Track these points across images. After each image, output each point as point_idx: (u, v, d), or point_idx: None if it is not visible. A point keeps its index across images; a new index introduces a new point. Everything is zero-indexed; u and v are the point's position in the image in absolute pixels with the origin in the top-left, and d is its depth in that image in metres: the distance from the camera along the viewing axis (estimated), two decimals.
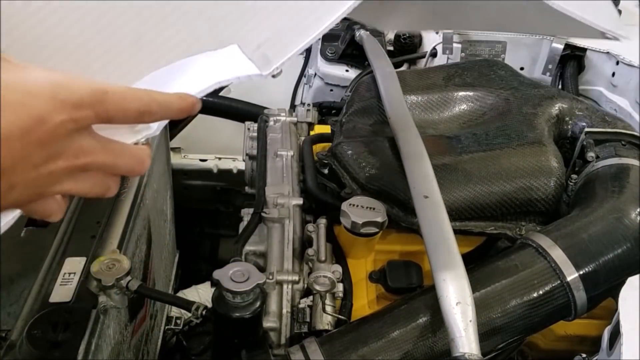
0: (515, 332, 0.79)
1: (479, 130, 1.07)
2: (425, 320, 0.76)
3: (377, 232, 0.93)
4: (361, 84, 1.27)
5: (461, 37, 1.54)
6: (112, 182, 0.48)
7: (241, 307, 0.82)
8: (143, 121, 0.47)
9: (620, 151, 1.01)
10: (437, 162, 0.96)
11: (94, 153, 0.44)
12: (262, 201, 1.04)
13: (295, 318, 0.90)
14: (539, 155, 0.98)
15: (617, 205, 0.87)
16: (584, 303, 0.79)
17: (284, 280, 0.92)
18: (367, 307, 0.93)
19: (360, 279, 0.97)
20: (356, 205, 0.93)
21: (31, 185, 0.41)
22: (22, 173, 0.40)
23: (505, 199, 0.95)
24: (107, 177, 0.47)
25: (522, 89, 1.18)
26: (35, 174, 0.41)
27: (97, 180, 0.46)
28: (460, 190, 0.94)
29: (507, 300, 0.77)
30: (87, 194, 0.46)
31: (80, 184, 0.45)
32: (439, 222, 0.82)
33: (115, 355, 0.89)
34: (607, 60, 1.41)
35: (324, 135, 1.28)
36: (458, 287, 0.71)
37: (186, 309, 1.04)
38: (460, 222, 0.95)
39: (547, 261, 0.80)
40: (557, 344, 0.97)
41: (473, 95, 1.19)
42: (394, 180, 0.97)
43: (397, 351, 0.74)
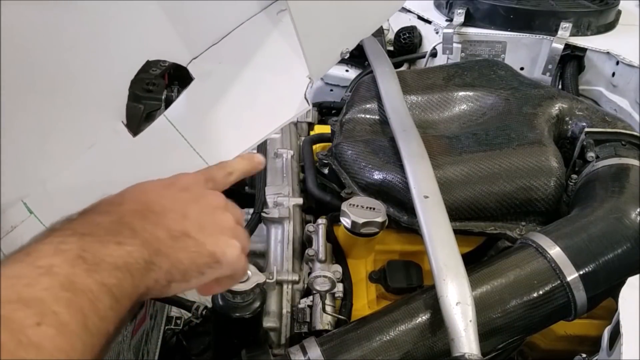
0: (515, 332, 0.79)
1: (479, 130, 1.07)
2: (425, 320, 0.76)
3: (377, 232, 0.93)
4: (361, 84, 1.27)
5: (461, 37, 1.54)
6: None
7: (241, 307, 0.82)
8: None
9: (620, 151, 1.01)
10: (437, 162, 0.96)
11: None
12: (262, 201, 1.04)
13: (295, 318, 0.90)
14: (539, 155, 0.97)
15: (617, 205, 0.87)
16: (584, 303, 0.79)
17: (284, 280, 0.92)
18: (367, 307, 0.93)
19: (360, 279, 0.97)
20: (356, 205, 0.93)
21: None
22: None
23: (505, 199, 0.95)
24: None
25: (522, 89, 1.18)
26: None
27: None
28: (460, 190, 0.94)
29: (507, 300, 0.77)
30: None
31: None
32: (439, 222, 0.82)
33: (115, 355, 0.89)
34: (607, 60, 1.41)
35: (324, 135, 1.28)
36: (458, 287, 0.71)
37: (186, 309, 1.05)
38: (460, 222, 0.95)
39: (547, 261, 0.80)
40: (557, 344, 0.97)
41: (473, 95, 1.19)
42: (394, 180, 0.97)
43: (397, 351, 0.74)
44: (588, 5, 1.51)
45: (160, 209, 0.48)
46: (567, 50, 1.44)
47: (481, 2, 1.52)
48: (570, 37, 1.44)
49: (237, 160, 0.61)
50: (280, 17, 0.76)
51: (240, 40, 0.76)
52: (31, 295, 0.36)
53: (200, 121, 0.72)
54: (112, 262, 0.42)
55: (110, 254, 0.42)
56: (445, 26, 1.56)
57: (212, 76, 0.74)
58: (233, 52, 0.75)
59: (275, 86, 0.73)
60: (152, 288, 0.45)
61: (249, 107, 0.73)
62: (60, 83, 0.64)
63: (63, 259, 0.40)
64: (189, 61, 0.73)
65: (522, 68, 1.50)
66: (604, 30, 1.49)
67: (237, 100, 0.73)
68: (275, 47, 0.75)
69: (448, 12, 1.60)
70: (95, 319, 0.39)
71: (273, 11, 0.77)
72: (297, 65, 0.72)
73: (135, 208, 0.47)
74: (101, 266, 0.41)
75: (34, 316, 0.35)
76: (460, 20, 1.54)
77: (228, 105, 0.73)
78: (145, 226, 0.46)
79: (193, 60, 0.74)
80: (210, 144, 0.70)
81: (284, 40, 0.75)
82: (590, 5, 1.51)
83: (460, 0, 1.56)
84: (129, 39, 0.67)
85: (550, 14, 1.46)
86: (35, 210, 0.66)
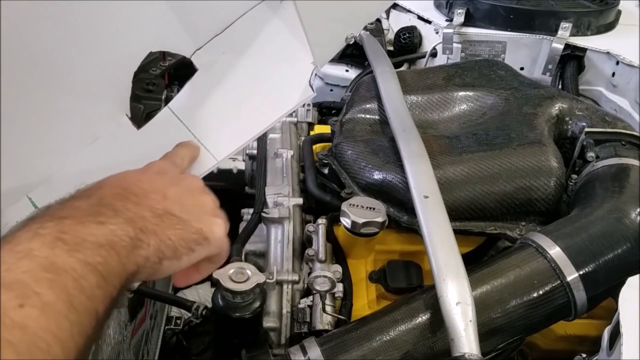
0: (515, 332, 0.79)
1: (479, 130, 1.07)
2: (425, 320, 0.76)
3: (377, 232, 0.93)
4: (361, 84, 1.27)
5: (461, 37, 1.54)
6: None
7: (241, 307, 0.82)
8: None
9: (620, 151, 1.01)
10: (437, 162, 0.96)
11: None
12: (262, 201, 1.04)
13: (295, 318, 0.90)
14: (539, 155, 0.97)
15: (617, 205, 0.87)
16: (584, 303, 0.79)
17: (284, 280, 0.92)
18: (367, 307, 0.93)
19: (360, 279, 0.97)
20: (356, 205, 0.93)
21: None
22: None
23: (505, 199, 0.95)
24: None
25: (522, 89, 1.17)
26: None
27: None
28: (460, 190, 0.94)
29: (507, 300, 0.77)
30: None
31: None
32: (439, 222, 0.82)
33: (115, 355, 0.89)
34: (607, 60, 1.41)
35: (324, 135, 1.28)
36: (458, 287, 0.71)
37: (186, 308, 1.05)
38: (460, 222, 0.95)
39: (547, 261, 0.80)
40: (557, 344, 0.97)
41: (473, 95, 1.19)
42: (394, 180, 0.97)
43: (397, 351, 0.74)
44: (588, 5, 1.51)
45: (140, 191, 0.48)
46: (567, 50, 1.43)
47: (481, 2, 1.52)
48: (570, 37, 1.43)
49: (181, 148, 0.63)
50: (283, 5, 0.75)
51: (243, 31, 0.75)
52: (11, 279, 0.36)
53: (204, 111, 0.72)
54: (94, 241, 0.42)
55: (92, 233, 0.42)
56: (445, 26, 1.55)
57: (216, 66, 0.73)
58: (236, 42, 0.75)
59: (279, 73, 0.73)
60: (143, 266, 0.45)
61: (253, 95, 0.72)
62: (64, 76, 0.63)
63: (41, 243, 0.40)
64: (193, 52, 0.73)
65: (522, 68, 1.50)
66: (604, 30, 1.49)
67: (241, 89, 0.73)
68: (278, 35, 0.75)
69: (448, 12, 1.60)
70: (82, 297, 0.38)
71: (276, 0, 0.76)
72: (301, 52, 0.71)
73: (115, 191, 0.47)
74: (83, 245, 0.41)
75: (16, 298, 0.35)
76: (460, 20, 1.54)
77: (232, 93, 0.72)
78: (127, 205, 0.46)
79: (196, 51, 0.73)
80: (214, 134, 0.70)
81: (286, 28, 0.75)
82: (590, 5, 1.51)
83: (460, 0, 1.56)
84: (132, 30, 0.67)
85: (550, 14, 1.46)
86: (41, 204, 0.66)
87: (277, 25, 0.75)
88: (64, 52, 0.62)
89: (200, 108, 0.72)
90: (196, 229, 0.49)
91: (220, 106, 0.72)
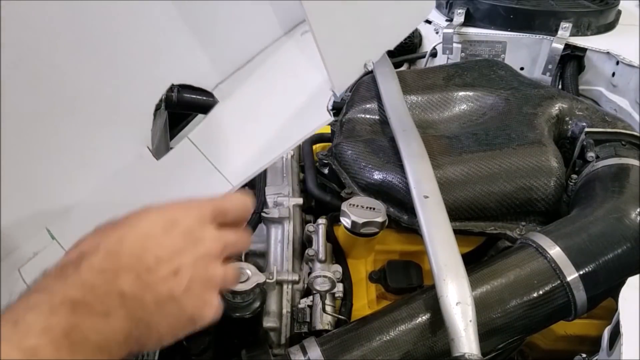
0: (515, 332, 0.79)
1: (479, 130, 1.07)
2: (425, 320, 0.76)
3: (377, 232, 0.93)
4: (361, 84, 1.27)
5: (461, 37, 1.54)
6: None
7: (241, 307, 0.82)
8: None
9: (620, 151, 1.01)
10: (437, 162, 0.96)
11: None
12: (262, 201, 1.04)
13: (295, 318, 0.90)
14: (539, 155, 0.97)
15: (617, 205, 0.87)
16: (584, 303, 0.79)
17: (284, 280, 0.92)
18: (367, 307, 0.93)
19: (360, 279, 0.97)
20: (356, 205, 0.93)
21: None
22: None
23: (505, 199, 0.95)
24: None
25: (522, 89, 1.17)
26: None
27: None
28: (460, 190, 0.94)
29: (507, 300, 0.77)
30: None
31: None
32: (439, 222, 0.82)
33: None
34: (607, 60, 1.41)
35: (324, 135, 1.28)
36: (458, 287, 0.71)
37: None
38: (460, 222, 0.95)
39: (547, 261, 0.80)
40: (557, 344, 0.97)
41: (473, 95, 1.19)
42: (394, 180, 0.97)
43: (397, 351, 0.74)
44: (588, 5, 1.51)
45: (154, 262, 0.48)
46: (567, 50, 1.43)
47: (481, 2, 1.52)
48: (570, 37, 1.43)
49: (232, 202, 0.58)
50: (304, 39, 0.77)
51: (263, 64, 0.77)
52: None
53: (221, 138, 0.73)
54: (95, 342, 0.43)
55: (96, 331, 0.43)
56: (445, 26, 1.55)
57: (234, 95, 0.74)
58: (256, 74, 0.76)
59: (296, 100, 0.74)
60: (123, 356, 0.46)
61: (270, 121, 0.73)
62: (87, 106, 0.63)
63: (49, 340, 0.41)
64: (215, 85, 0.74)
65: (522, 68, 1.50)
66: (604, 30, 1.49)
67: (258, 115, 0.74)
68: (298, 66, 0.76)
69: (448, 12, 1.60)
70: None
71: (297, 33, 0.78)
72: (319, 80, 0.73)
73: (131, 263, 0.47)
74: (84, 346, 0.42)
75: None
76: (460, 20, 1.54)
77: (249, 120, 0.73)
78: (134, 290, 0.46)
79: (219, 85, 0.74)
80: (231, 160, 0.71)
81: (304, 56, 0.76)
82: (590, 5, 1.51)
83: (460, 0, 1.56)
84: (157, 63, 0.67)
85: (550, 14, 1.46)
86: (59, 237, 0.66)
87: (298, 56, 0.77)
88: (87, 83, 0.62)
89: (217, 135, 0.73)
90: (188, 317, 0.50)
91: (237, 133, 0.73)
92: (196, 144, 0.72)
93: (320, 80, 0.73)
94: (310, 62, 0.74)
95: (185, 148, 0.72)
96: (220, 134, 0.73)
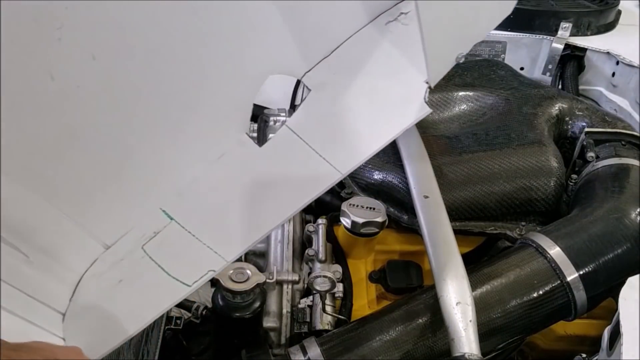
0: (515, 332, 0.79)
1: (479, 130, 1.07)
2: (425, 320, 0.76)
3: (377, 232, 0.93)
4: None
5: None
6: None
7: (241, 307, 0.82)
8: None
9: (620, 151, 1.01)
10: (437, 162, 0.96)
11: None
12: None
13: (295, 318, 0.90)
14: (539, 155, 0.97)
15: (617, 205, 0.87)
16: (584, 303, 0.79)
17: (284, 280, 0.92)
18: (367, 307, 0.93)
19: (360, 279, 0.97)
20: (356, 205, 0.93)
21: None
22: None
23: (505, 199, 0.95)
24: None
25: (522, 89, 1.17)
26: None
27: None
28: (460, 190, 0.94)
29: (507, 300, 0.77)
30: None
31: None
32: (439, 222, 0.82)
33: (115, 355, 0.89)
34: (607, 60, 1.41)
35: None
36: (458, 287, 0.71)
37: (186, 309, 1.05)
38: (460, 222, 0.95)
39: (547, 261, 0.80)
40: (557, 344, 0.97)
41: (473, 95, 1.19)
42: (394, 180, 0.97)
43: (397, 351, 0.74)
44: (588, 5, 1.51)
45: None
46: (567, 50, 1.43)
47: None
48: (570, 37, 1.43)
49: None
50: (389, 27, 0.78)
51: (350, 52, 0.78)
52: None
53: (322, 128, 0.75)
54: None
55: None
56: None
57: (329, 86, 0.76)
58: (344, 63, 0.77)
59: (392, 91, 0.75)
60: None
61: (369, 113, 0.75)
62: (194, 98, 0.68)
63: None
64: (304, 74, 0.77)
65: (522, 68, 1.50)
66: (604, 30, 1.49)
67: (356, 107, 0.75)
68: (385, 55, 0.77)
69: None
70: None
71: (381, 22, 0.79)
72: (410, 71, 0.74)
73: None
74: None
75: None
76: None
77: (347, 111, 0.75)
78: None
79: (307, 73, 0.76)
80: (335, 149, 0.72)
81: (394, 48, 0.77)
82: (590, 5, 1.51)
83: None
84: (255, 55, 0.71)
85: (550, 14, 1.45)
86: (173, 215, 0.70)
87: (384, 45, 0.78)
88: (195, 76, 0.67)
89: (317, 126, 0.75)
90: None
91: (338, 123, 0.75)
92: (296, 132, 0.74)
93: (412, 69, 0.74)
94: (401, 53, 0.76)
95: (285, 135, 0.74)
96: (319, 123, 0.75)
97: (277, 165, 0.73)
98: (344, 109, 0.75)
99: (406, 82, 0.74)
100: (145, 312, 0.66)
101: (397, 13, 0.79)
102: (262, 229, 0.69)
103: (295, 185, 0.71)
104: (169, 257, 0.69)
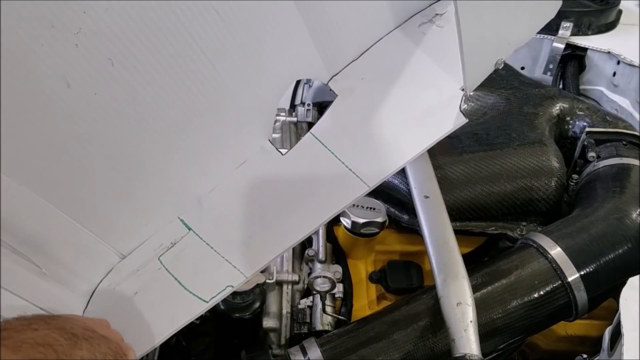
0: (516, 332, 0.79)
1: (480, 130, 1.07)
2: (426, 320, 0.76)
3: (377, 232, 0.93)
4: None
5: None
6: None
7: (241, 308, 0.82)
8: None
9: (621, 151, 1.01)
10: (438, 162, 0.96)
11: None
12: None
13: (295, 318, 0.89)
14: (540, 155, 0.97)
15: (618, 206, 0.87)
16: (585, 303, 0.79)
17: (284, 280, 0.92)
18: (367, 307, 0.93)
19: (361, 279, 0.97)
20: (356, 205, 0.93)
21: None
22: None
23: (506, 199, 0.94)
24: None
25: (523, 88, 1.17)
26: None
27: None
28: (460, 190, 0.94)
29: (508, 301, 0.77)
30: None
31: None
32: (440, 222, 0.82)
33: None
34: (608, 60, 1.41)
35: None
36: (458, 288, 0.71)
37: None
38: (460, 222, 0.94)
39: (547, 261, 0.80)
40: (558, 344, 0.96)
41: (474, 95, 1.19)
42: (394, 180, 0.97)
43: (398, 352, 0.74)
44: (589, 5, 1.50)
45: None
46: (568, 49, 1.43)
47: None
48: (571, 36, 1.43)
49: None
50: (422, 29, 0.75)
51: (380, 56, 0.75)
52: None
53: (351, 138, 0.71)
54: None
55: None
56: None
57: (357, 92, 0.73)
58: (374, 67, 0.74)
59: (426, 100, 0.71)
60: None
61: (400, 122, 0.71)
62: (216, 104, 0.65)
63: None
64: (329, 78, 0.73)
65: (522, 68, 1.50)
66: (604, 29, 1.49)
67: (386, 115, 0.71)
68: (418, 59, 0.74)
69: None
70: None
71: (414, 24, 0.75)
72: (445, 77, 0.70)
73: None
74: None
75: None
76: None
77: (377, 120, 0.71)
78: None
79: (333, 77, 0.73)
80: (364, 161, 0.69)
81: (427, 52, 0.74)
82: (591, 4, 1.51)
83: None
84: (279, 60, 0.67)
85: None
86: (192, 225, 0.68)
87: (417, 49, 0.74)
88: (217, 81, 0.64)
89: (344, 134, 0.71)
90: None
91: (366, 132, 0.71)
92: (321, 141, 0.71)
93: (446, 76, 0.70)
94: (435, 57, 0.72)
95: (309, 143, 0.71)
96: (347, 133, 0.71)
97: (300, 176, 0.69)
98: (372, 117, 0.71)
99: (440, 89, 0.70)
100: (161, 328, 0.64)
101: (432, 14, 0.75)
102: (283, 243, 0.66)
103: (319, 197, 0.67)
104: (186, 269, 0.66)
